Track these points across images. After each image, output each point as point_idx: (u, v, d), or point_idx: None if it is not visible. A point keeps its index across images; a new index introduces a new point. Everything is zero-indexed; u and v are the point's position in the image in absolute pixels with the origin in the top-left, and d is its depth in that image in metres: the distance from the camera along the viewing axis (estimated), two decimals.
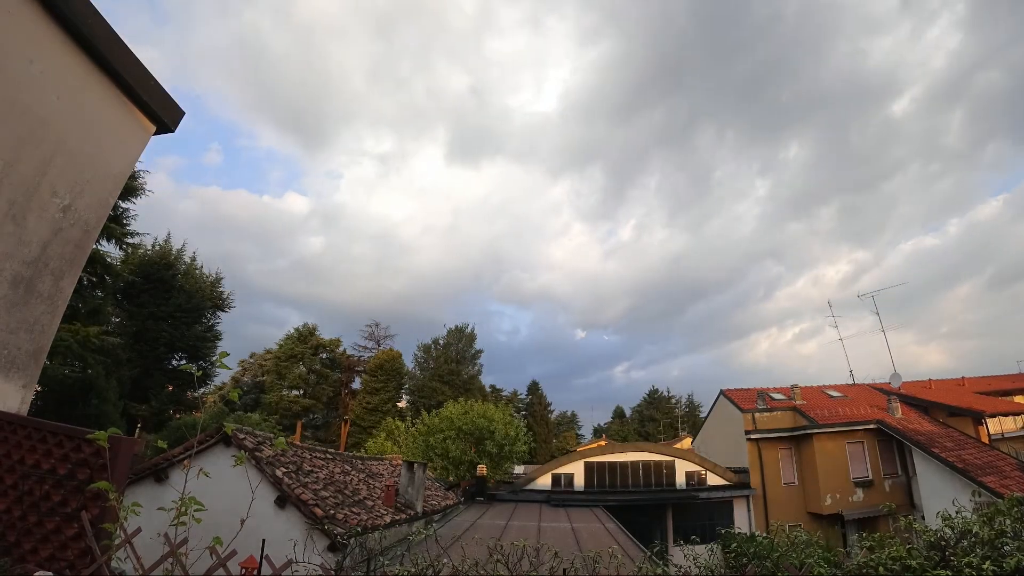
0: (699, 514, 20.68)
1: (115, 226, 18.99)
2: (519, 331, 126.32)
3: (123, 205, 19.88)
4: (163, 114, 5.12)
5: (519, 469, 28.81)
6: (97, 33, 4.29)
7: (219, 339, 29.75)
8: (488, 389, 53.94)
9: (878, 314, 27.39)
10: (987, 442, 19.81)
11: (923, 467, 18.47)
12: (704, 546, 7.93)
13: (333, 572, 3.36)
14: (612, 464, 22.05)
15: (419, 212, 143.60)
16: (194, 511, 2.16)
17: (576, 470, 21.98)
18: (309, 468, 10.45)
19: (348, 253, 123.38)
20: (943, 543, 3.29)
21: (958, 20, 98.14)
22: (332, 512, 8.64)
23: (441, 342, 52.28)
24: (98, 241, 16.25)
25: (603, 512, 17.03)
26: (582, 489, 21.50)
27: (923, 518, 16.01)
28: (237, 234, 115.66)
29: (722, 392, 25.81)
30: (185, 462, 8.49)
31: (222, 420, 18.57)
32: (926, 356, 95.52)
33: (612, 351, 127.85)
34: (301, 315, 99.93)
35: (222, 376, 41.48)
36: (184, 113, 5.39)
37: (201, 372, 2.71)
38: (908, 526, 3.83)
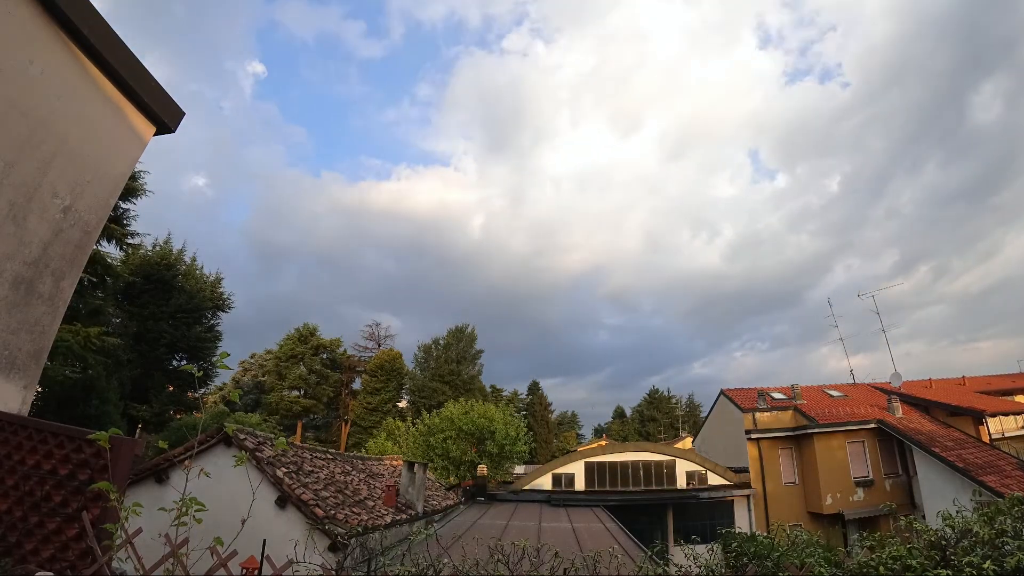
0: (700, 514, 20.67)
1: (115, 227, 19.01)
2: (623, 329, 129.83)
3: (123, 206, 19.90)
4: (163, 115, 5.13)
5: (519, 469, 28.81)
6: (98, 34, 4.29)
7: (220, 339, 29.76)
8: (488, 389, 53.95)
9: (878, 313, 27.43)
10: (988, 441, 19.79)
11: (924, 466, 18.46)
12: (704, 546, 7.92)
13: (334, 572, 3.37)
14: (613, 464, 22.04)
15: (597, 206, 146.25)
16: (195, 511, 2.16)
17: (577, 470, 21.97)
18: (310, 468, 10.45)
19: (505, 246, 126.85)
20: (944, 542, 3.29)
21: None
22: (333, 512, 8.65)
23: (441, 342, 52.29)
24: (98, 242, 16.26)
25: (604, 512, 17.02)
26: (583, 489, 21.49)
27: (924, 517, 16.00)
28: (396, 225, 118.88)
29: (722, 392, 25.80)
30: (186, 462, 8.45)
31: (223, 421, 18.58)
32: (966, 355, 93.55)
33: (699, 347, 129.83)
34: (402, 319, 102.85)
35: (223, 376, 41.57)
36: (184, 114, 5.39)
37: (202, 373, 2.70)
38: (909, 525, 3.82)
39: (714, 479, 21.70)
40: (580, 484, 21.67)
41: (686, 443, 37.61)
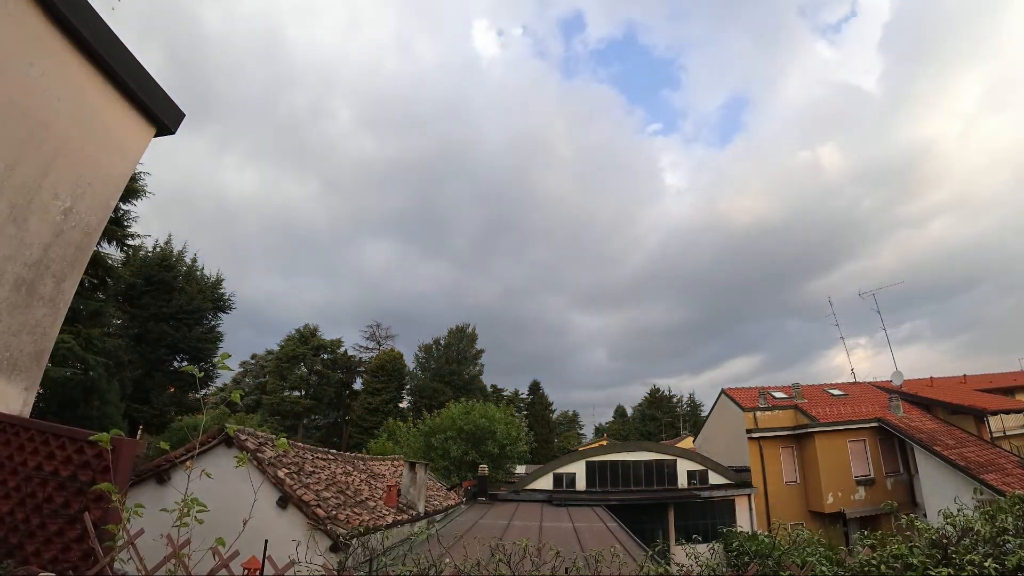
0: (701, 513, 20.66)
1: (116, 228, 19.01)
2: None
3: (124, 207, 19.90)
4: (163, 116, 5.13)
5: (520, 469, 28.80)
6: (97, 36, 4.30)
7: (220, 340, 29.78)
8: (489, 389, 53.94)
9: (879, 312, 27.41)
10: (989, 440, 19.77)
11: (925, 465, 18.44)
12: (706, 545, 7.93)
13: (335, 572, 3.37)
14: (614, 463, 22.03)
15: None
16: (196, 512, 2.17)
17: (578, 470, 21.96)
18: (311, 469, 10.46)
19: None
20: (945, 541, 3.29)
21: None
22: (334, 513, 8.65)
23: (442, 342, 52.27)
24: (99, 243, 16.27)
25: (605, 511, 17.00)
26: (584, 489, 21.47)
27: (925, 516, 16.00)
28: None
29: (723, 391, 25.81)
30: (187, 463, 8.48)
31: (224, 422, 18.58)
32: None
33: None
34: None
35: (223, 377, 41.60)
36: (184, 115, 5.39)
37: (203, 374, 2.70)
38: (910, 524, 3.82)
39: (715, 478, 21.69)
40: (581, 484, 21.65)
41: (687, 442, 37.57)
